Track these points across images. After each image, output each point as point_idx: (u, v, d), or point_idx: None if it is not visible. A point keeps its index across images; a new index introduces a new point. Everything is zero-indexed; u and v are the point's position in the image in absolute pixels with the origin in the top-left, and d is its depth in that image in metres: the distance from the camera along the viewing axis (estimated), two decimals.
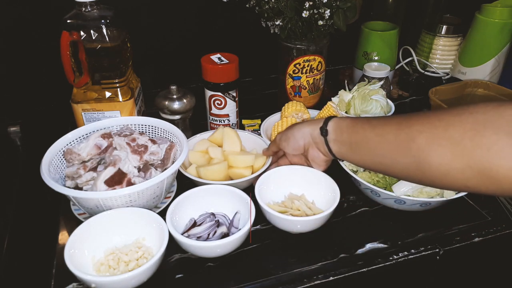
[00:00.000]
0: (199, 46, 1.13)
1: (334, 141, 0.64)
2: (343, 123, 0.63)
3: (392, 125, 0.55)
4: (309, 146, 0.69)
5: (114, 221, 0.65)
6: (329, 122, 0.65)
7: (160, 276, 0.61)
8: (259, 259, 0.66)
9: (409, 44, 1.24)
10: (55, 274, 0.63)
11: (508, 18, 1.08)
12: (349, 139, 0.62)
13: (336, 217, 0.73)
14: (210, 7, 1.10)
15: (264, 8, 0.90)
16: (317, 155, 0.70)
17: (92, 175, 0.70)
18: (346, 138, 0.62)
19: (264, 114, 0.94)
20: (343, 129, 0.63)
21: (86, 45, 0.78)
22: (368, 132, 0.58)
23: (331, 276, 0.63)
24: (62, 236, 0.70)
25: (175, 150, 0.76)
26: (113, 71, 0.82)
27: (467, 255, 0.72)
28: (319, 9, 0.87)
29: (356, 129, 0.61)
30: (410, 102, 1.14)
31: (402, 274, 0.71)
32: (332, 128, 0.64)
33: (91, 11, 0.77)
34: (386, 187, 0.71)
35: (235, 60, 0.86)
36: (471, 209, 0.75)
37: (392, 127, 0.55)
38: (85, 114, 0.83)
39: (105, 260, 0.62)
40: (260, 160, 0.78)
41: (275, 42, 0.98)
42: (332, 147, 0.65)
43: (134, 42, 0.87)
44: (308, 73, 0.98)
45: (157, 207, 0.74)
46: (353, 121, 0.62)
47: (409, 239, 0.69)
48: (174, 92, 0.86)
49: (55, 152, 0.72)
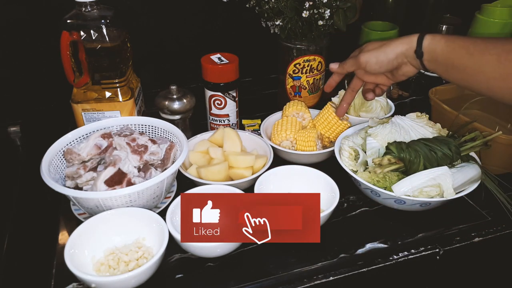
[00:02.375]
0: (199, 46, 1.13)
1: (429, 61, 0.65)
2: (438, 46, 0.63)
3: (492, 55, 0.57)
4: (402, 63, 0.70)
5: (114, 221, 0.65)
6: (423, 42, 0.65)
7: (160, 276, 0.61)
8: (259, 259, 0.66)
9: None
10: (55, 274, 0.63)
11: (508, 18, 1.08)
12: (445, 63, 0.63)
13: (336, 217, 0.73)
14: (210, 7, 1.10)
15: (264, 8, 0.90)
16: (411, 70, 0.70)
17: (92, 175, 0.70)
18: (442, 61, 0.64)
19: (264, 114, 0.94)
20: (438, 53, 0.63)
21: (86, 45, 0.78)
22: (465, 60, 0.60)
23: (331, 276, 0.63)
24: (62, 236, 0.70)
25: (175, 150, 0.76)
26: (113, 71, 0.82)
27: (467, 255, 0.72)
28: (319, 9, 0.87)
29: (452, 55, 0.62)
30: (410, 102, 1.14)
31: (402, 274, 0.71)
32: (427, 50, 0.65)
33: (91, 11, 0.77)
34: (386, 187, 0.71)
35: (235, 60, 0.86)
36: (471, 209, 0.75)
37: (492, 58, 0.57)
38: (85, 114, 0.83)
39: (105, 260, 0.62)
40: (260, 161, 0.78)
41: (275, 42, 0.98)
42: (427, 66, 0.66)
43: (134, 42, 0.87)
44: (308, 73, 0.98)
45: (157, 207, 0.74)
46: (448, 45, 0.62)
47: (409, 239, 0.69)
48: (174, 92, 0.86)
49: (55, 152, 0.72)
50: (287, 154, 0.84)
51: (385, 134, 0.75)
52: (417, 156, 0.70)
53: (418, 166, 0.70)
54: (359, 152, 0.77)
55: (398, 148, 0.71)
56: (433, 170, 0.69)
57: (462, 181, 0.69)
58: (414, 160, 0.70)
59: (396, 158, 0.71)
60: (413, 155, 0.70)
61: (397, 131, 0.75)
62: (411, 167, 0.70)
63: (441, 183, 0.67)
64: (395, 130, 0.76)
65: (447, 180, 0.67)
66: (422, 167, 0.70)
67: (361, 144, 0.78)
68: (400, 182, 0.69)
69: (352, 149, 0.78)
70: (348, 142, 0.79)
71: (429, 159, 0.70)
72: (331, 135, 0.87)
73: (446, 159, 0.71)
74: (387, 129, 0.76)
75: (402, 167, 0.71)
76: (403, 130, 0.76)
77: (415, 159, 0.70)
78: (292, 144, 0.85)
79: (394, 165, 0.71)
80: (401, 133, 0.75)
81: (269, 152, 0.81)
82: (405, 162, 0.71)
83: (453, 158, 0.71)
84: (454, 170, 0.70)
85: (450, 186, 0.67)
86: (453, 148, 0.71)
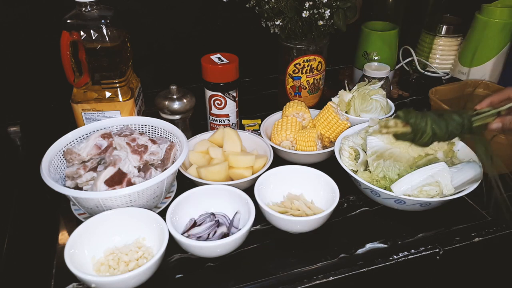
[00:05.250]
0: (199, 46, 1.13)
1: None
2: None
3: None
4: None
5: (114, 221, 0.65)
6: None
7: (160, 276, 0.61)
8: (259, 259, 0.66)
9: (409, 44, 1.24)
10: (55, 274, 0.63)
11: (508, 18, 1.08)
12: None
13: (336, 217, 0.73)
14: (210, 7, 1.10)
15: (264, 8, 0.90)
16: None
17: (92, 175, 0.70)
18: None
19: (264, 114, 0.94)
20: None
21: (86, 45, 0.78)
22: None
23: (331, 276, 0.63)
24: (62, 236, 0.70)
25: (175, 150, 0.76)
26: (113, 71, 0.82)
27: (467, 255, 0.72)
28: (319, 9, 0.87)
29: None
30: (410, 102, 1.14)
31: (402, 274, 0.71)
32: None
33: (91, 11, 0.77)
34: (386, 187, 0.71)
35: (235, 60, 0.86)
36: (471, 209, 0.75)
37: None
38: (85, 114, 0.83)
39: (105, 260, 0.62)
40: (260, 161, 0.78)
41: (275, 42, 0.98)
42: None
43: (134, 42, 0.87)
44: (308, 73, 0.98)
45: (157, 207, 0.74)
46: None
47: (409, 239, 0.69)
48: (174, 92, 0.86)
49: (55, 152, 0.72)
50: (287, 154, 0.84)
51: None
52: (423, 119, 0.65)
53: (426, 133, 0.65)
54: (359, 152, 0.77)
55: (405, 113, 0.67)
56: (431, 166, 0.69)
57: (462, 181, 0.69)
58: (420, 123, 0.65)
59: (403, 122, 0.66)
60: (419, 117, 0.65)
61: None
62: (418, 133, 0.66)
63: (439, 180, 0.67)
64: None
65: (446, 176, 0.67)
66: (430, 133, 0.65)
67: (361, 144, 0.78)
68: (399, 181, 0.69)
69: (352, 149, 0.78)
70: (348, 142, 0.79)
71: (438, 124, 0.65)
72: (331, 135, 0.87)
73: (457, 126, 0.66)
74: None
75: (409, 133, 0.66)
76: None
77: (421, 122, 0.65)
78: (292, 144, 0.85)
79: (401, 128, 0.66)
80: None
81: (269, 152, 0.81)
82: (412, 127, 0.66)
83: (464, 125, 0.67)
84: (454, 170, 0.70)
85: (449, 182, 0.67)
86: (465, 115, 0.67)
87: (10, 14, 0.96)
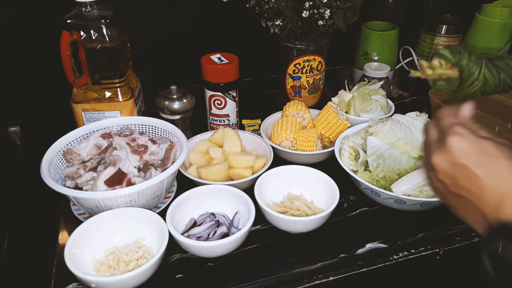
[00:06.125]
0: (199, 46, 1.13)
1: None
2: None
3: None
4: None
5: (114, 221, 0.65)
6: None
7: (160, 276, 0.61)
8: (259, 259, 0.66)
9: (409, 44, 1.24)
10: (55, 274, 0.63)
11: (508, 18, 1.08)
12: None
13: (336, 217, 0.73)
14: (210, 7, 1.10)
15: (264, 8, 0.90)
16: None
17: (92, 175, 0.70)
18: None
19: (264, 114, 0.94)
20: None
21: (86, 45, 0.78)
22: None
23: (331, 276, 0.63)
24: (62, 236, 0.70)
25: (175, 150, 0.76)
26: (113, 71, 0.82)
27: (467, 255, 0.72)
28: (319, 9, 0.87)
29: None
30: (410, 102, 1.14)
31: (402, 274, 0.71)
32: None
33: (91, 11, 0.77)
34: (386, 187, 0.71)
35: (235, 60, 0.86)
36: None
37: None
38: (85, 114, 0.83)
39: (105, 260, 0.62)
40: (260, 161, 0.78)
41: (275, 42, 0.98)
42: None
43: (134, 42, 0.87)
44: (308, 73, 0.98)
45: (157, 207, 0.74)
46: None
47: (409, 239, 0.69)
48: (174, 92, 0.86)
49: (55, 152, 0.72)
50: (287, 154, 0.84)
51: (385, 131, 0.75)
52: (478, 61, 0.53)
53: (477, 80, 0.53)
54: (359, 152, 0.77)
55: (453, 52, 0.54)
56: None
57: None
58: (473, 66, 0.53)
59: (449, 63, 0.54)
60: (472, 59, 0.53)
61: (397, 127, 0.75)
62: (468, 80, 0.54)
63: None
64: (395, 126, 0.75)
65: None
66: (481, 80, 0.54)
67: (361, 144, 0.78)
68: (399, 181, 0.68)
69: (352, 149, 0.78)
70: (348, 142, 0.79)
71: (491, 70, 0.53)
72: (331, 135, 0.87)
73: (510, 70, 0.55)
74: (387, 126, 0.76)
75: (456, 77, 0.55)
76: (404, 126, 0.75)
77: (474, 65, 0.53)
78: (292, 144, 0.85)
79: (447, 71, 0.55)
80: (402, 128, 0.75)
81: (269, 152, 0.81)
82: (462, 71, 0.53)
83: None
84: None
85: None
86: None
87: (10, 14, 0.96)
